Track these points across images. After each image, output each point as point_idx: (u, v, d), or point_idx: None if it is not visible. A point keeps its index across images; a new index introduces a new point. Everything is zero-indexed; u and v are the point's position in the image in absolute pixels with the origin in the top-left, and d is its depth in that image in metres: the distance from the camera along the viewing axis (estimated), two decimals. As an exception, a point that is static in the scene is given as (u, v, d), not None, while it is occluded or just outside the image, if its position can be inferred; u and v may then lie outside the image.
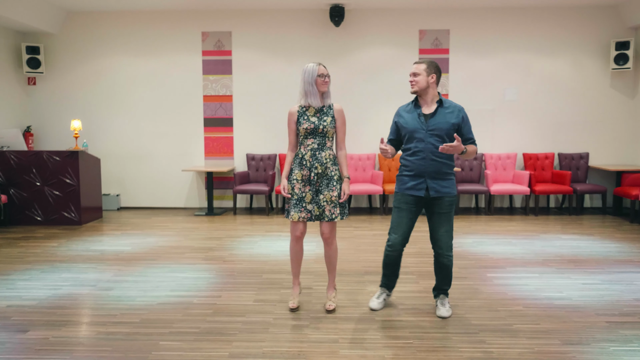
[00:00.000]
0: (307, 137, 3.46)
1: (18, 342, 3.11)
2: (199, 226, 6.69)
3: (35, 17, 7.30)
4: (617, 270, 4.58)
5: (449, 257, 3.42)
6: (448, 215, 3.39)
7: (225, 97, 7.97)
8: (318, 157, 3.44)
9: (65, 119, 7.95)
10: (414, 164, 3.35)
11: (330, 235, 3.55)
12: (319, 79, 3.41)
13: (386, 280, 3.65)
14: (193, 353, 2.95)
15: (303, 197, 3.46)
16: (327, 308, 3.60)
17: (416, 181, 3.35)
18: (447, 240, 3.40)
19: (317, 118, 3.45)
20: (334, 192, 3.45)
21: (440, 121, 3.32)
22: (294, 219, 3.47)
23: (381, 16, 7.79)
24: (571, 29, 7.73)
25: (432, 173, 3.33)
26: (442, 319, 3.46)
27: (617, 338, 3.12)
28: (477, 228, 6.48)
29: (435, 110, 3.37)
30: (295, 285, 3.71)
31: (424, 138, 3.31)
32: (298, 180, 3.47)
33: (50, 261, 4.95)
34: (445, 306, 3.53)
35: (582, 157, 7.74)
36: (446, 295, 3.59)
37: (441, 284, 3.56)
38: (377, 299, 3.64)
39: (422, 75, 3.36)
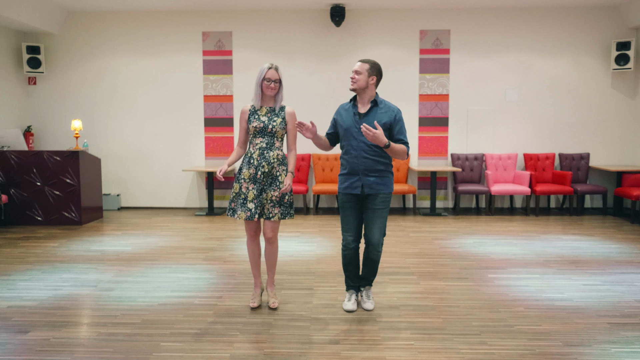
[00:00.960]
0: (256, 136, 3.51)
1: (19, 342, 3.11)
2: (200, 226, 6.68)
3: (36, 17, 7.29)
4: (618, 271, 4.57)
5: (378, 253, 3.53)
6: (381, 212, 3.48)
7: (226, 97, 7.97)
8: (266, 156, 3.48)
9: (66, 119, 7.94)
10: (348, 162, 3.47)
11: (273, 234, 3.57)
12: (264, 82, 3.45)
13: (350, 282, 3.71)
14: (194, 354, 2.95)
15: (247, 195, 3.48)
16: (270, 306, 3.64)
17: (352, 179, 3.46)
18: (379, 237, 3.50)
19: (267, 118, 3.50)
20: (276, 191, 3.49)
21: (371, 120, 3.39)
22: (240, 218, 3.48)
23: (382, 16, 7.79)
24: (572, 29, 7.72)
25: (365, 170, 3.42)
26: (368, 311, 3.57)
27: (618, 339, 3.11)
28: (478, 228, 6.48)
29: (369, 110, 3.46)
30: (256, 285, 3.73)
31: (357, 136, 3.42)
32: (245, 179, 3.49)
33: (51, 261, 4.94)
34: (370, 298, 3.67)
35: (583, 158, 7.74)
36: (370, 285, 3.69)
37: (368, 276, 3.66)
38: (349, 302, 3.67)
39: (364, 74, 3.44)
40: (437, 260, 4.96)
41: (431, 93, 7.85)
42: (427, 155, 7.94)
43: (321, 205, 8.06)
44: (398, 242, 5.72)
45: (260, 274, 3.78)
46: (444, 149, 7.93)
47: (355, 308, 3.65)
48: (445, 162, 7.96)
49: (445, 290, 4.04)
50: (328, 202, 8.07)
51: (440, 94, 7.85)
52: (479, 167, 7.78)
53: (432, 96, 7.86)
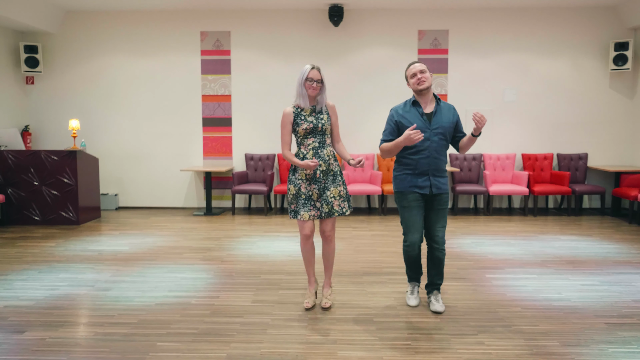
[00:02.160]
0: (306, 137, 3.49)
1: (15, 342, 3.10)
2: (198, 226, 6.67)
3: (34, 16, 7.28)
4: (616, 271, 4.57)
5: (443, 251, 3.55)
6: (445, 211, 3.53)
7: (224, 96, 7.96)
8: (321, 155, 3.47)
9: (64, 119, 7.93)
10: (418, 162, 3.41)
11: (332, 232, 3.57)
12: (307, 82, 3.44)
13: (414, 275, 3.74)
14: (191, 354, 2.94)
15: (310, 195, 3.48)
16: (323, 306, 3.63)
17: (421, 178, 3.43)
18: (443, 235, 3.53)
19: (314, 117, 3.48)
20: (341, 186, 3.50)
21: (442, 119, 3.43)
22: (304, 219, 3.46)
23: (380, 16, 7.79)
24: (570, 29, 7.73)
25: (434, 170, 3.44)
26: (437, 314, 3.53)
27: (615, 339, 3.11)
28: (476, 228, 6.48)
29: (436, 109, 3.46)
30: (311, 284, 3.72)
31: (429, 137, 3.39)
32: (303, 180, 3.48)
33: (48, 261, 4.93)
34: (439, 302, 3.62)
35: (581, 158, 7.74)
36: (439, 290, 3.68)
37: (435, 279, 3.64)
38: (412, 295, 3.72)
39: (428, 73, 3.47)
40: (435, 260, 4.95)
41: (429, 93, 7.84)
42: (426, 155, 7.92)
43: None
44: (396, 242, 5.71)
45: (315, 274, 3.74)
46: (442, 149, 7.91)
47: (419, 303, 3.69)
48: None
49: (443, 290, 4.03)
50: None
51: (439, 94, 7.85)
52: (477, 167, 7.78)
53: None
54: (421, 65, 3.47)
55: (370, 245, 5.55)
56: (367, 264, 4.80)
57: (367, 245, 5.59)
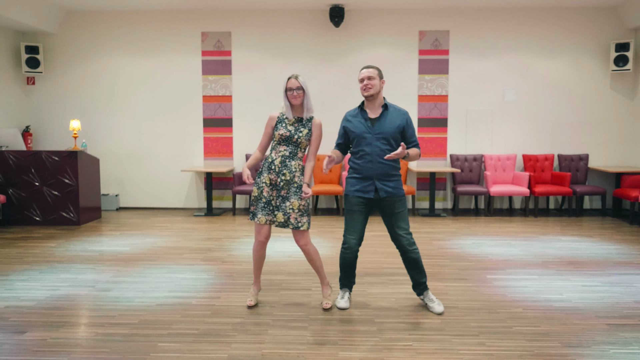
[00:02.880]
0: (280, 144, 3.54)
1: (16, 343, 3.09)
2: (198, 227, 6.67)
3: (35, 16, 7.28)
4: (617, 272, 4.57)
5: (415, 251, 3.55)
6: (403, 213, 3.53)
7: (225, 97, 7.96)
8: (287, 165, 3.50)
9: (64, 119, 7.93)
10: (361, 167, 3.48)
11: (305, 241, 3.58)
12: (288, 92, 3.51)
13: (346, 281, 3.75)
14: (191, 354, 2.94)
15: (270, 200, 3.51)
16: (323, 307, 3.65)
17: (365, 183, 3.48)
18: (409, 237, 3.53)
19: (294, 127, 3.53)
20: (303, 200, 3.51)
21: (385, 125, 3.45)
22: (261, 222, 3.51)
23: (381, 17, 7.79)
24: (571, 30, 7.72)
25: (379, 175, 3.46)
26: (439, 315, 3.53)
27: (617, 340, 3.11)
28: (477, 229, 6.48)
29: (381, 115, 3.49)
30: (255, 284, 3.78)
31: (371, 142, 3.44)
32: (267, 184, 3.52)
33: (49, 262, 4.93)
34: (434, 301, 3.63)
35: (582, 159, 7.74)
36: (427, 288, 3.68)
37: (419, 278, 3.65)
38: (342, 299, 3.70)
39: (376, 79, 3.49)
40: (436, 261, 4.95)
41: (430, 94, 7.85)
42: (426, 156, 7.94)
43: (320, 206, 8.05)
44: (397, 242, 5.71)
45: (260, 276, 3.81)
46: (443, 150, 7.93)
47: (348, 306, 3.68)
48: (444, 163, 7.95)
49: (443, 291, 4.04)
50: (327, 202, 8.07)
51: (440, 94, 7.85)
52: (478, 168, 7.78)
53: (431, 97, 7.86)
54: (369, 71, 3.47)
55: (370, 246, 5.54)
56: (367, 265, 4.80)
57: (367, 246, 5.59)
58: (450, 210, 7.89)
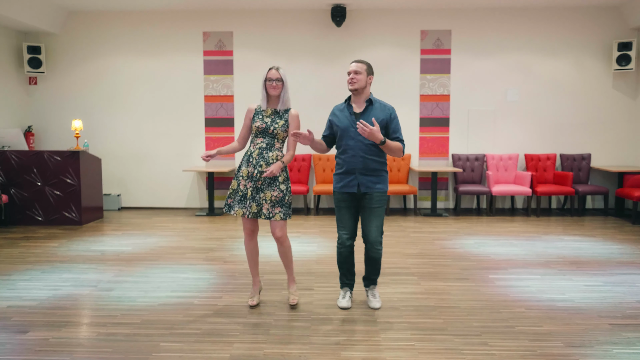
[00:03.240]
0: (257, 136, 3.59)
1: (18, 343, 3.10)
2: (200, 226, 6.67)
3: (37, 16, 7.29)
4: (620, 272, 4.56)
5: (378, 251, 3.56)
6: (378, 210, 3.52)
7: (227, 97, 7.96)
8: (265, 156, 3.53)
9: (66, 119, 7.94)
10: (344, 161, 3.51)
11: (282, 233, 3.59)
12: (267, 82, 3.57)
13: (345, 280, 3.76)
14: (194, 354, 2.94)
15: (245, 193, 3.53)
16: (290, 303, 3.69)
17: (348, 178, 3.50)
18: (377, 235, 3.53)
19: (270, 119, 3.57)
20: (275, 191, 3.52)
21: (368, 119, 3.45)
22: (237, 214, 3.53)
23: (383, 16, 7.78)
24: (573, 29, 7.71)
25: (361, 169, 3.47)
26: (375, 310, 3.60)
27: (620, 340, 3.10)
28: (479, 229, 6.47)
29: (365, 109, 3.51)
30: (254, 284, 3.78)
31: (354, 136, 3.46)
32: (244, 177, 3.55)
33: (51, 261, 4.94)
34: (375, 297, 3.70)
35: (584, 158, 7.72)
36: (375, 284, 3.73)
37: (370, 275, 3.71)
38: (343, 299, 3.71)
39: (363, 74, 3.50)
40: (438, 261, 4.94)
41: (432, 93, 7.84)
42: (428, 155, 7.93)
43: (321, 205, 8.05)
44: (399, 242, 5.71)
45: (259, 273, 3.83)
46: (444, 150, 7.92)
47: (350, 305, 3.68)
48: (446, 162, 7.94)
49: (446, 291, 4.03)
50: (329, 202, 8.06)
51: (441, 94, 7.84)
52: (480, 168, 7.77)
53: (433, 96, 7.85)
54: (357, 66, 3.49)
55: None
56: (369, 265, 4.79)
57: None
58: (452, 210, 7.88)
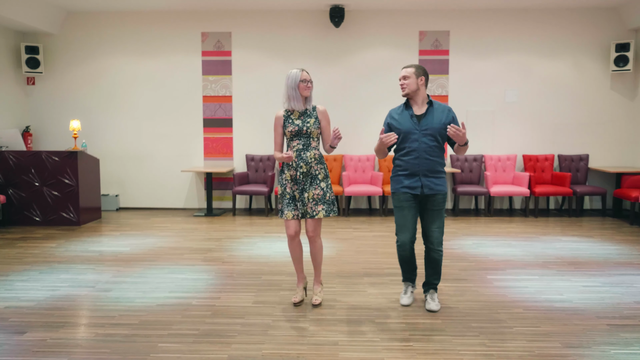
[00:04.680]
0: (292, 139, 3.62)
1: (15, 343, 3.09)
2: (198, 227, 6.67)
3: (35, 17, 7.28)
4: (618, 272, 4.56)
5: (439, 252, 3.58)
6: (440, 212, 3.54)
7: (225, 97, 7.96)
8: (303, 157, 3.58)
9: (64, 119, 7.93)
10: (408, 163, 3.50)
11: (314, 233, 3.65)
12: (301, 84, 3.58)
13: (407, 275, 3.77)
14: (192, 355, 2.93)
15: (294, 195, 3.60)
16: (313, 302, 3.72)
17: (412, 179, 3.50)
18: (439, 236, 3.55)
19: (301, 121, 3.60)
20: (317, 189, 3.58)
21: (432, 121, 3.47)
22: (287, 218, 3.60)
23: (381, 17, 7.79)
24: (571, 30, 7.72)
25: (425, 171, 3.49)
26: (432, 312, 3.58)
27: (617, 341, 3.11)
28: (477, 229, 6.47)
29: (427, 111, 3.52)
30: (299, 280, 3.83)
31: (418, 138, 3.47)
32: (288, 180, 3.61)
33: (49, 262, 4.93)
34: (434, 300, 3.67)
35: (582, 159, 7.74)
36: (435, 290, 3.71)
37: (431, 279, 3.69)
38: (405, 295, 3.76)
39: (412, 78, 3.51)
40: (436, 262, 4.94)
41: (430, 94, 7.84)
42: (426, 156, 7.92)
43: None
44: (397, 243, 5.71)
45: (303, 271, 3.85)
46: (443, 150, 7.91)
47: (411, 302, 3.72)
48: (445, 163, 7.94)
49: (444, 292, 4.03)
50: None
51: (440, 95, 7.85)
52: (478, 168, 7.78)
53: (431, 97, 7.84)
54: (405, 71, 3.53)
55: (371, 246, 5.54)
56: (368, 265, 4.80)
57: (368, 246, 5.59)
58: (450, 211, 7.88)
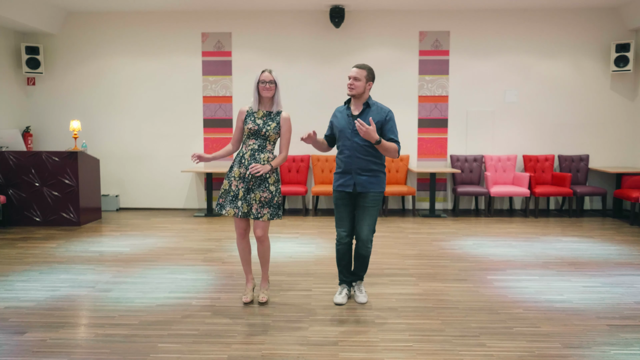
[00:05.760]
0: (249, 138, 3.65)
1: (15, 344, 3.09)
2: (198, 227, 6.67)
3: (35, 17, 7.29)
4: (618, 273, 4.56)
5: (368, 249, 3.67)
6: (371, 210, 3.63)
7: (225, 98, 7.96)
8: (256, 158, 3.60)
9: (65, 120, 7.93)
10: (342, 161, 3.64)
11: (262, 234, 3.70)
12: (260, 84, 3.63)
13: (343, 277, 3.86)
14: (192, 355, 2.93)
15: (237, 193, 3.60)
16: (260, 300, 3.77)
17: (345, 178, 3.63)
18: (368, 234, 3.63)
19: (262, 121, 3.64)
20: (265, 192, 3.59)
21: (365, 121, 3.52)
22: (229, 214, 3.62)
23: (381, 17, 7.79)
24: (571, 30, 7.72)
25: (358, 169, 3.58)
26: (361, 304, 3.71)
27: (618, 341, 3.10)
28: (477, 230, 6.47)
29: (362, 111, 3.61)
30: (248, 281, 3.87)
31: (350, 137, 3.58)
32: (235, 177, 3.63)
33: (49, 262, 4.93)
34: (362, 292, 3.83)
35: (582, 159, 7.73)
36: (361, 279, 3.86)
37: (358, 271, 3.82)
38: (339, 295, 3.81)
39: (362, 81, 3.60)
40: (436, 262, 4.95)
41: (430, 94, 7.85)
42: (427, 156, 7.93)
43: (320, 206, 8.05)
44: (397, 243, 5.71)
45: (251, 271, 3.90)
46: (443, 151, 7.93)
47: (345, 301, 3.78)
48: (445, 163, 7.95)
49: (444, 292, 4.03)
50: (327, 203, 8.06)
51: (440, 95, 7.85)
52: (479, 169, 7.77)
53: (431, 97, 7.85)
54: (357, 72, 3.58)
55: (371, 247, 5.54)
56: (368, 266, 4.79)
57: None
58: (450, 211, 7.88)
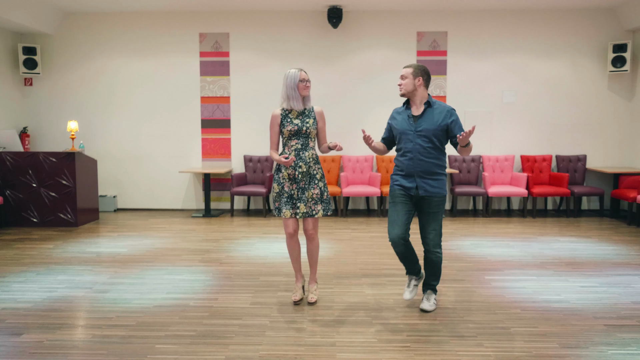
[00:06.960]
0: (290, 139, 3.65)
1: (12, 345, 3.08)
2: (196, 228, 6.66)
3: (32, 17, 7.27)
4: (615, 273, 4.57)
5: (437, 254, 3.53)
6: (436, 215, 3.50)
7: (223, 98, 7.95)
8: (302, 157, 3.62)
9: (62, 120, 7.92)
10: (403, 164, 3.50)
11: (313, 231, 3.71)
12: (300, 84, 3.64)
13: (409, 268, 3.69)
14: (189, 356, 2.93)
15: (292, 194, 3.64)
16: (309, 300, 3.76)
17: (407, 180, 3.49)
18: (435, 238, 3.51)
19: (299, 120, 3.64)
20: (316, 189, 3.64)
21: (427, 122, 3.45)
22: (286, 216, 3.63)
23: (379, 18, 7.79)
24: (569, 31, 7.73)
25: (420, 172, 3.45)
26: (425, 312, 3.59)
27: (615, 341, 3.11)
28: (475, 230, 6.48)
29: (423, 112, 3.49)
30: (297, 279, 3.87)
31: (412, 139, 3.46)
32: (286, 179, 3.64)
33: (46, 263, 4.92)
34: (429, 301, 3.67)
35: (580, 160, 7.75)
36: (434, 291, 3.70)
37: (429, 280, 3.68)
38: (407, 288, 3.70)
39: (409, 78, 3.50)
40: (434, 262, 4.94)
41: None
42: (424, 157, 7.92)
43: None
44: (395, 243, 5.70)
45: (301, 269, 3.90)
46: (441, 151, 7.92)
47: (413, 297, 3.67)
48: (443, 163, 7.94)
49: (442, 292, 4.03)
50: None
51: (438, 95, 7.85)
52: (476, 169, 7.78)
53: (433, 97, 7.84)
54: (403, 71, 3.53)
55: (369, 247, 5.54)
56: (365, 266, 4.79)
57: (365, 246, 5.59)
58: (448, 211, 7.89)
